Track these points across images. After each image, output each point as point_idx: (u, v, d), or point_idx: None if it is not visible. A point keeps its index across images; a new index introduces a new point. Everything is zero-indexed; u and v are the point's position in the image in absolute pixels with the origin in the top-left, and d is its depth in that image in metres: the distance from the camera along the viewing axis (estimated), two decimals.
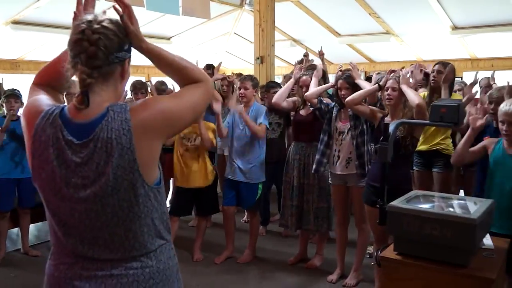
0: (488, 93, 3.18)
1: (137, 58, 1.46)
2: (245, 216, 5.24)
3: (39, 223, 4.86)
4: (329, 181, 3.71)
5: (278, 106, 4.02)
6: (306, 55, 5.05)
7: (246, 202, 4.09)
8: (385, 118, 3.16)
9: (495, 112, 2.96)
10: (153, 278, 1.34)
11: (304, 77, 3.92)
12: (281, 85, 4.92)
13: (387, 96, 3.09)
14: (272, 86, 4.72)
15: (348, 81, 3.49)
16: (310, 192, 3.79)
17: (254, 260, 4.15)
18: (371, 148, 3.33)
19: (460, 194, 4.26)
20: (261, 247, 4.35)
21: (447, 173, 3.94)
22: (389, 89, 3.07)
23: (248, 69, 9.25)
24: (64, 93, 4.24)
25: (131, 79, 4.70)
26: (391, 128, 2.28)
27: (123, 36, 1.30)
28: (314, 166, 3.65)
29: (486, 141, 2.83)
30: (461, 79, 7.84)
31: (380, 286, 2.22)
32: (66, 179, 1.26)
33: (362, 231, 3.63)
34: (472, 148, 2.82)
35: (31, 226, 4.63)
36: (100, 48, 1.25)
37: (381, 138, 2.25)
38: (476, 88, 3.88)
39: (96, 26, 1.26)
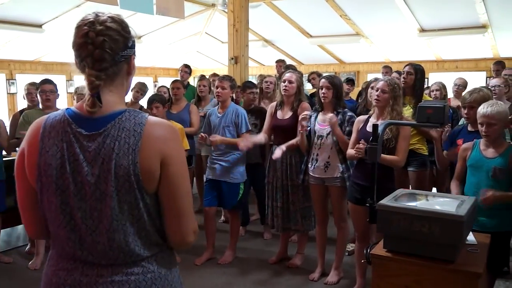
0: (461, 98, 3.32)
1: None
2: (222, 216, 5.23)
3: (8, 228, 4.69)
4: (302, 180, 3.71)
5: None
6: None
7: (228, 202, 4.05)
8: (370, 118, 3.20)
9: (469, 116, 3.08)
10: (155, 284, 1.32)
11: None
12: (257, 86, 4.93)
13: (375, 97, 3.12)
14: (248, 86, 4.70)
15: (331, 81, 3.49)
16: (295, 193, 3.79)
17: (235, 260, 4.15)
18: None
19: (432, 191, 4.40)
20: (241, 247, 4.35)
21: (421, 172, 4.06)
22: (379, 90, 3.10)
23: (220, 69, 9.22)
24: (75, 94, 4.15)
25: None
26: (380, 128, 2.33)
27: (127, 34, 1.29)
28: (301, 176, 3.68)
29: (462, 149, 2.94)
30: (427, 80, 8.11)
31: (372, 283, 2.27)
32: (73, 174, 1.24)
33: (341, 229, 3.68)
34: (449, 152, 3.15)
35: (2, 231, 4.45)
36: (105, 51, 1.23)
37: (370, 139, 2.30)
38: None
39: (99, 27, 1.23)
